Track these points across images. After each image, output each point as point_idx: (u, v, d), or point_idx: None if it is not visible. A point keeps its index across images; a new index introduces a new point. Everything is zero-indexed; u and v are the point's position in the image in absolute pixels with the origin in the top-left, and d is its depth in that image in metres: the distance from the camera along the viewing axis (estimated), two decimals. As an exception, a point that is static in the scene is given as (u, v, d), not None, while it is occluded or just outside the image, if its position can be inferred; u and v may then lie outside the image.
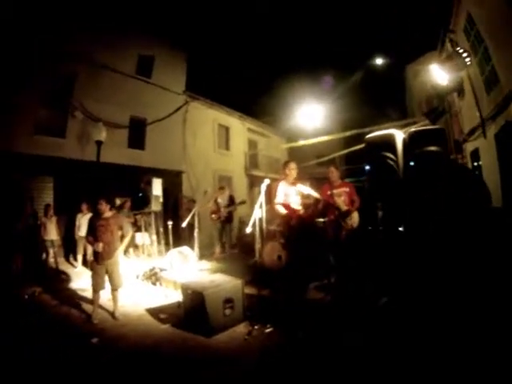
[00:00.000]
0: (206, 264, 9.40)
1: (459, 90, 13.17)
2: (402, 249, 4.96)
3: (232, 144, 23.79)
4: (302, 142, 19.33)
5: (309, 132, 17.90)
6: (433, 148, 4.69)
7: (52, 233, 10.48)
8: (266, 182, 5.80)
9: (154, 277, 8.45)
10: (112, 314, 6.29)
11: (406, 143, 5.11)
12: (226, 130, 23.49)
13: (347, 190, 7.57)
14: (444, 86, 10.35)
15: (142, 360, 4.32)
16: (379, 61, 17.96)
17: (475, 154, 14.22)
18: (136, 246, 12.03)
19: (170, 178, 16.72)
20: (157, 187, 10.88)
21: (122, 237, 6.72)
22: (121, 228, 6.72)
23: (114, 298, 6.41)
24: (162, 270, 8.50)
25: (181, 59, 20.03)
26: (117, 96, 15.68)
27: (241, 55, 30.33)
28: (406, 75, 24.48)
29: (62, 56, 13.40)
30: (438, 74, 9.94)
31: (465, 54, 9.00)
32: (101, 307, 6.43)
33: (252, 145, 26.25)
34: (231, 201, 11.04)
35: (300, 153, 24.63)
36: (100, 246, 6.19)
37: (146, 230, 11.97)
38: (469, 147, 14.93)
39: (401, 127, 12.24)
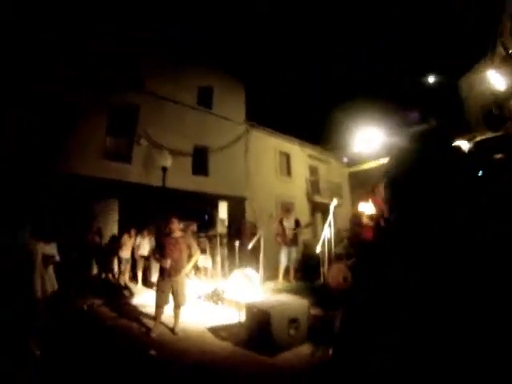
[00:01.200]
0: (270, 286, 9.35)
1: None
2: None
3: (293, 170, 23.79)
4: (364, 166, 19.07)
5: (368, 156, 17.67)
6: (499, 156, 4.50)
7: (144, 248, 11.10)
8: (335, 202, 5.76)
9: (216, 297, 8.51)
10: (172, 330, 6.41)
11: (472, 153, 4.93)
12: (286, 157, 23.55)
13: None
14: (503, 91, 9.92)
15: (200, 375, 4.31)
16: (432, 79, 17.63)
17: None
18: (197, 268, 12.16)
19: (233, 204, 16.95)
20: (222, 210, 11.03)
21: (190, 256, 6.82)
22: (189, 247, 6.84)
23: (176, 315, 6.53)
24: (224, 290, 8.53)
25: (239, 89, 20.53)
26: (179, 125, 16.29)
27: (299, 83, 30.41)
28: (462, 88, 23.76)
29: (128, 88, 14.30)
30: (496, 80, 9.56)
31: None
32: (162, 323, 6.56)
33: (313, 171, 26.07)
34: (297, 223, 10.85)
35: (362, 177, 24.25)
36: (168, 263, 6.32)
37: (209, 253, 12.10)
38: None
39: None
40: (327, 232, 5.66)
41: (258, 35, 25.11)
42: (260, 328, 5.13)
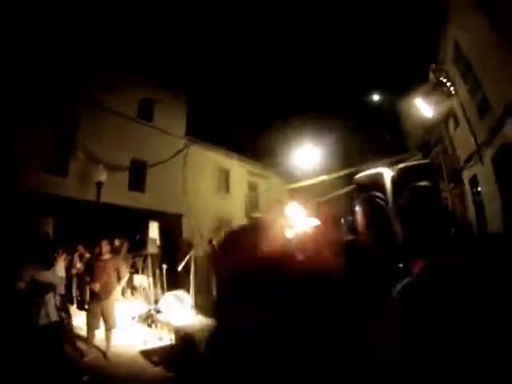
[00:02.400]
0: (203, 308, 9.31)
1: (447, 120, 13.24)
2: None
3: (232, 187, 23.90)
4: (304, 183, 19.38)
5: (309, 172, 17.99)
6: (423, 183, 4.68)
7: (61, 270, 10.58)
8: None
9: (149, 319, 8.40)
10: (104, 354, 6.28)
11: (395, 180, 5.09)
12: (225, 173, 23.64)
13: None
14: (431, 118, 10.36)
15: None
16: (376, 97, 18.27)
17: (474, 181, 14.29)
18: (134, 288, 11.93)
19: (169, 221, 16.73)
20: (153, 230, 10.86)
21: (119, 279, 6.76)
22: (118, 270, 6.76)
23: (108, 338, 6.45)
24: (158, 312, 8.42)
25: (181, 103, 20.46)
26: (118, 138, 15.95)
27: (240, 99, 30.76)
28: (402, 110, 24.72)
29: (67, 98, 13.80)
30: (423, 107, 9.96)
31: (448, 84, 9.07)
32: (95, 346, 6.42)
33: (252, 187, 26.27)
34: None
35: (300, 193, 24.65)
36: (97, 286, 6.22)
37: (144, 272, 11.90)
38: (467, 174, 14.97)
39: (397, 163, 12.33)
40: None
41: (201, 50, 25.27)
42: (187, 351, 5.13)
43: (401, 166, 5.35)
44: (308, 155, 17.16)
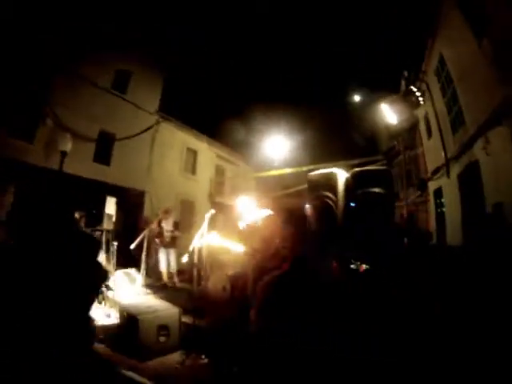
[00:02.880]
0: (152, 288, 9.36)
1: (413, 129, 13.44)
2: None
3: (199, 169, 23.83)
4: (271, 172, 19.53)
5: (278, 163, 18.15)
6: (376, 190, 4.78)
7: None
8: (212, 211, 5.85)
9: (100, 295, 8.40)
10: None
11: (348, 183, 5.17)
12: (194, 154, 23.54)
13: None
14: (395, 125, 10.52)
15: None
16: (353, 98, 18.48)
17: (438, 193, 14.66)
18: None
19: (132, 198, 16.63)
20: (110, 206, 10.78)
21: None
22: None
23: None
24: (109, 289, 8.44)
25: (157, 78, 20.23)
26: (89, 108, 15.65)
27: (216, 81, 30.72)
28: (376, 114, 25.00)
29: (40, 61, 13.42)
30: (388, 113, 10.11)
31: (418, 93, 9.25)
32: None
33: (219, 171, 26.29)
34: (175, 227, 10.90)
35: (268, 183, 24.83)
36: None
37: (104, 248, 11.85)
38: (433, 186, 15.38)
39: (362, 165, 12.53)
40: (197, 242, 5.76)
41: (185, 27, 25.02)
42: (130, 332, 5.18)
43: (356, 169, 5.45)
44: (279, 147, 17.32)
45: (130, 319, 5.25)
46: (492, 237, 7.76)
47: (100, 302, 8.18)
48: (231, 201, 22.88)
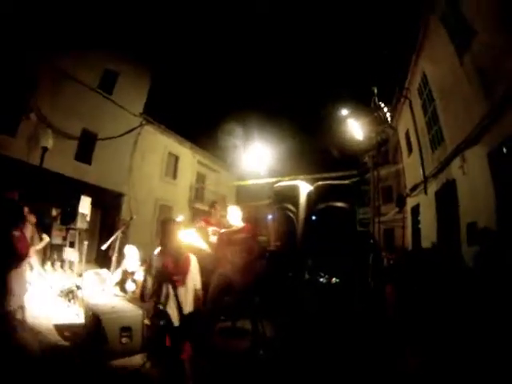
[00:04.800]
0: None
1: (381, 145, 13.56)
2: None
3: (180, 174, 23.81)
4: (251, 182, 19.61)
5: (260, 172, 18.22)
6: (339, 204, 4.86)
7: None
8: (180, 218, 5.90)
9: (70, 294, 8.39)
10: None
11: (311, 196, 5.23)
12: (175, 159, 23.56)
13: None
14: (365, 142, 10.60)
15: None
16: (331, 112, 18.68)
17: (416, 210, 14.87)
18: (63, 261, 11.80)
19: (110, 199, 16.59)
20: (84, 205, 10.73)
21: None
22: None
23: None
24: (78, 288, 8.43)
25: (144, 80, 20.27)
26: (74, 105, 15.61)
27: (202, 88, 30.88)
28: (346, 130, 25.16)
29: (27, 55, 13.39)
30: (355, 129, 10.17)
31: (386, 109, 9.38)
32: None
33: (200, 178, 26.33)
34: None
35: (249, 192, 24.84)
36: None
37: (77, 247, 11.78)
38: (411, 202, 15.62)
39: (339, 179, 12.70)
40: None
41: (173, 29, 25.13)
42: (94, 332, 5.21)
43: (319, 183, 5.55)
44: (261, 156, 17.41)
45: (94, 319, 5.27)
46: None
47: (70, 301, 8.20)
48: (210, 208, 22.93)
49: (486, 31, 8.18)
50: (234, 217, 6.05)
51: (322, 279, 5.95)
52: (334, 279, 5.93)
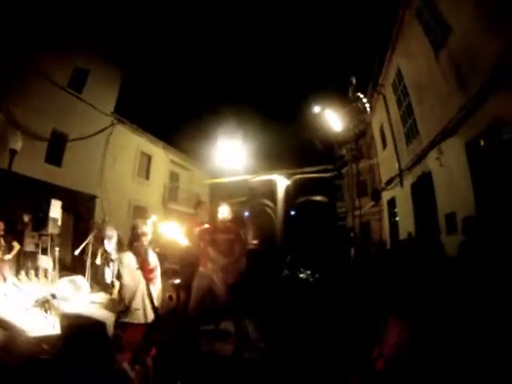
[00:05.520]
0: (100, 297, 9.07)
1: (358, 138, 13.56)
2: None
3: (152, 174, 23.52)
4: (223, 179, 19.49)
5: (234, 170, 18.10)
6: (318, 198, 4.81)
7: None
8: (153, 218, 5.74)
9: (46, 304, 8.13)
10: None
11: (289, 190, 5.10)
12: (148, 159, 23.26)
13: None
14: (342, 134, 10.52)
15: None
16: (306, 106, 18.66)
17: (392, 203, 15.07)
18: (37, 269, 11.44)
19: (83, 202, 16.22)
20: (55, 209, 10.47)
21: None
22: None
23: None
24: (54, 297, 8.16)
25: (115, 79, 19.86)
26: (43, 105, 15.08)
27: (173, 86, 30.60)
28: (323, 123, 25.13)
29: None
30: (333, 120, 10.07)
31: (364, 100, 9.34)
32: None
33: (173, 177, 26.10)
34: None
35: (223, 190, 24.63)
36: None
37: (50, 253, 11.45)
38: (386, 196, 15.78)
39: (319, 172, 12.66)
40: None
41: (143, 27, 24.77)
42: (70, 343, 5.02)
43: (297, 176, 5.46)
44: (233, 153, 17.28)
45: (70, 328, 5.08)
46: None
47: (46, 311, 7.94)
48: (185, 207, 22.74)
49: (461, 26, 8.23)
50: (225, 215, 5.91)
51: (302, 275, 5.87)
52: (316, 274, 5.86)
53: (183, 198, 25.40)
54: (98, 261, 8.95)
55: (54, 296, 8.04)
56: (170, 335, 5.68)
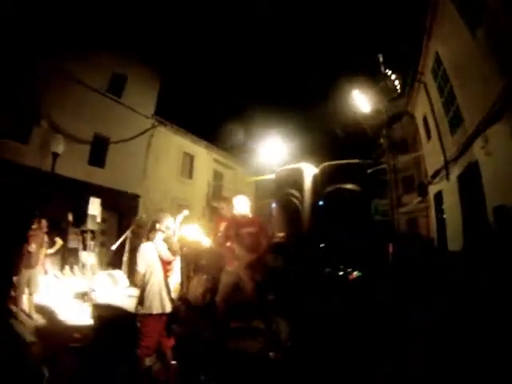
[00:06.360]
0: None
1: (390, 122, 13.08)
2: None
3: (196, 173, 23.71)
4: (267, 176, 19.45)
5: (277, 166, 18.07)
6: (349, 186, 4.46)
7: None
8: (185, 212, 5.74)
9: (85, 296, 8.38)
10: (29, 315, 6.79)
11: (317, 179, 4.83)
12: (190, 159, 23.46)
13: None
14: (376, 119, 10.09)
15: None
16: (346, 99, 18.43)
17: (439, 197, 14.45)
18: (83, 265, 11.82)
19: (126, 201, 16.59)
20: (93, 207, 10.75)
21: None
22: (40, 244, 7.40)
23: (30, 301, 7.06)
24: (93, 290, 8.40)
25: (154, 82, 20.19)
26: (84, 110, 15.64)
27: (214, 85, 30.87)
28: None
29: (35, 63, 13.49)
30: (361, 102, 9.56)
31: (393, 76, 8.89)
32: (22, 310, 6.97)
33: (217, 176, 26.14)
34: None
35: (267, 187, 24.53)
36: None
37: (93, 249, 11.80)
38: (433, 190, 15.21)
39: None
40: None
41: (180, 30, 25.10)
42: (101, 332, 5.10)
43: (326, 163, 5.09)
44: (276, 150, 17.23)
45: (103, 320, 5.18)
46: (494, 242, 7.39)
47: (84, 303, 8.20)
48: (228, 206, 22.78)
49: (496, 3, 7.85)
50: (242, 207, 5.81)
51: (340, 272, 5.64)
52: (355, 272, 5.61)
53: (227, 196, 25.38)
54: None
55: (92, 289, 8.29)
56: (193, 329, 5.68)
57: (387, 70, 9.02)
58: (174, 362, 4.80)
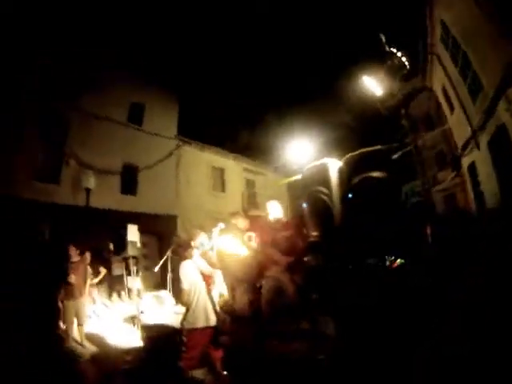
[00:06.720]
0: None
1: (406, 100, 12.76)
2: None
3: (228, 185, 23.76)
4: (295, 177, 19.39)
5: (305, 165, 17.96)
6: (375, 174, 4.40)
7: None
8: (221, 225, 5.80)
9: (134, 320, 8.57)
10: (81, 344, 6.94)
11: (342, 172, 4.77)
12: (220, 172, 23.52)
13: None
14: (385, 99, 9.85)
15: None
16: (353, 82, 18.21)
17: (472, 168, 14.09)
18: (129, 290, 12.09)
19: (163, 223, 16.83)
20: (132, 233, 10.93)
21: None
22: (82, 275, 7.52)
23: (80, 332, 7.16)
24: (141, 313, 8.58)
25: (172, 104, 20.50)
26: (109, 143, 16.08)
27: (232, 96, 31.02)
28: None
29: (55, 105, 14.02)
30: (370, 84, 9.38)
31: (399, 54, 8.69)
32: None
33: (250, 184, 26.14)
34: None
35: (299, 188, 24.35)
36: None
37: (137, 274, 12.05)
38: (466, 162, 14.86)
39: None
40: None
41: (190, 48, 25.39)
42: (151, 352, 5.20)
43: (349, 154, 5.06)
44: (300, 149, 17.17)
45: (152, 340, 5.29)
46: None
47: (134, 326, 8.39)
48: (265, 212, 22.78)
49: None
50: (275, 212, 5.84)
51: (386, 262, 5.52)
52: (398, 260, 5.48)
53: (262, 203, 25.32)
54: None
55: (140, 311, 8.48)
56: (239, 339, 5.67)
57: (392, 49, 8.85)
58: (224, 373, 4.86)
